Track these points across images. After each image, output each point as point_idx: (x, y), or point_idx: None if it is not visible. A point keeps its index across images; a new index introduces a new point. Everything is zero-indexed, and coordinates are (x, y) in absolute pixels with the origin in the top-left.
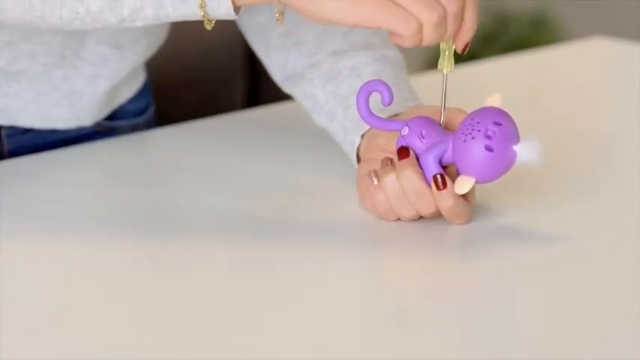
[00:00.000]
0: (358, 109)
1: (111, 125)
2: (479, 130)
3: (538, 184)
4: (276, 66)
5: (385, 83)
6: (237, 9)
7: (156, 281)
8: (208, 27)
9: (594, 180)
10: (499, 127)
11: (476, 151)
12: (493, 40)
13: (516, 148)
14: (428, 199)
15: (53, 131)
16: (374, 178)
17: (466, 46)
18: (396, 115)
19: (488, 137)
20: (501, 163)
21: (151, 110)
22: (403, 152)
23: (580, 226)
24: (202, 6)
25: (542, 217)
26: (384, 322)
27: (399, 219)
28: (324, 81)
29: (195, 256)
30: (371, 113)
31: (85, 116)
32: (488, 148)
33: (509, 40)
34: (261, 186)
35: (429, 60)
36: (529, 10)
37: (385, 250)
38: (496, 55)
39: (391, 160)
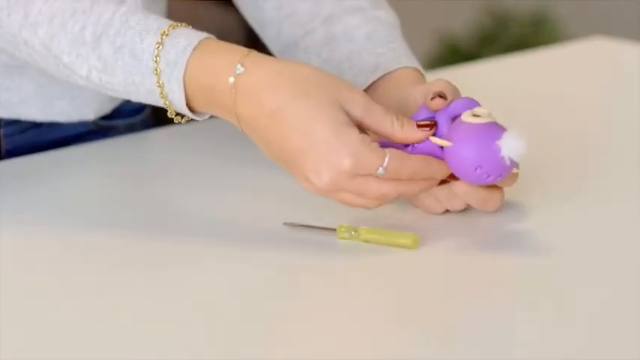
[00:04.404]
0: None
1: (108, 124)
2: (475, 169)
3: (537, 183)
4: (272, 38)
5: None
6: (197, 113)
7: (154, 281)
8: (177, 119)
9: (594, 180)
10: (482, 167)
11: (480, 181)
12: (493, 40)
13: (505, 156)
14: (480, 195)
15: (51, 129)
16: None
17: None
18: (389, 72)
19: (487, 176)
20: (505, 170)
21: (147, 110)
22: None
23: (580, 227)
24: (173, 112)
25: (541, 217)
26: (384, 322)
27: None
28: (318, 48)
29: (194, 256)
30: None
31: (87, 110)
32: (488, 177)
33: (509, 40)
34: (261, 186)
35: (429, 60)
36: (529, 10)
37: (384, 250)
38: (496, 55)
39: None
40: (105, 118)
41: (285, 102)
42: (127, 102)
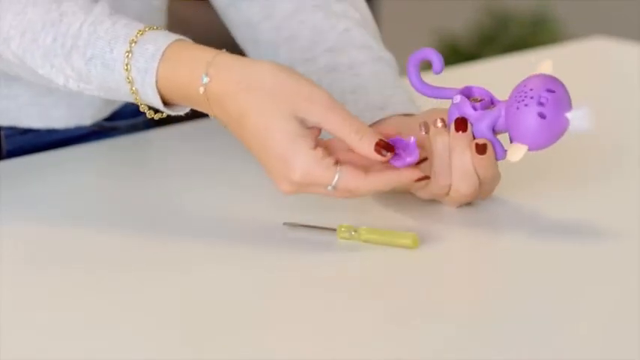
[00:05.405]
0: (409, 77)
1: (110, 125)
2: (532, 97)
3: (537, 184)
4: (266, 57)
5: (435, 51)
6: (170, 106)
7: (154, 281)
8: (157, 116)
9: (594, 180)
10: (552, 94)
11: (529, 118)
12: (493, 40)
13: (569, 115)
14: (473, 181)
15: (52, 132)
16: (422, 128)
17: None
18: (406, 114)
19: (541, 104)
20: (554, 130)
21: None
22: (461, 124)
23: (580, 227)
24: (139, 102)
25: (540, 217)
26: (384, 322)
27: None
28: (319, 75)
29: (194, 255)
30: (422, 82)
31: (84, 116)
32: (542, 115)
33: (509, 40)
34: (261, 186)
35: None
36: (529, 10)
37: (384, 250)
38: (496, 55)
39: (443, 120)
40: (107, 119)
41: (243, 111)
42: (128, 104)
